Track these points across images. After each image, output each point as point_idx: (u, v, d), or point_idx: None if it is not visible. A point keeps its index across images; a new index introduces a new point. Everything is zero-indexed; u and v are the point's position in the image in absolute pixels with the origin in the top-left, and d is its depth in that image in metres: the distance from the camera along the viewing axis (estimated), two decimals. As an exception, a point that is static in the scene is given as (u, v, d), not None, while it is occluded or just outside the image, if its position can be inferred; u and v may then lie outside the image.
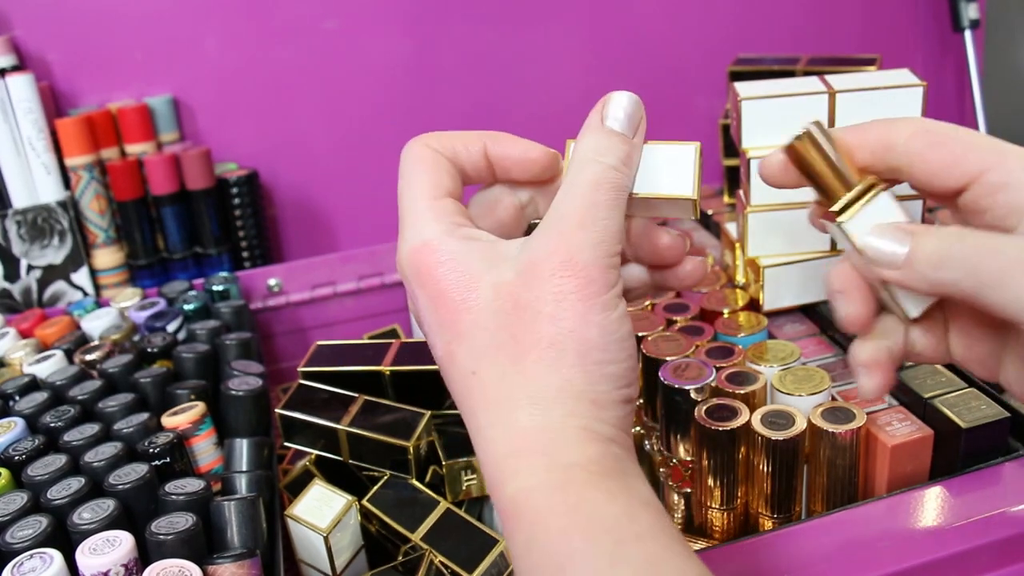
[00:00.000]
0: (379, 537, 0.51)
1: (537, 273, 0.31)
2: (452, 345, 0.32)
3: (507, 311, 0.31)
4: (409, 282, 0.34)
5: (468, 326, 0.32)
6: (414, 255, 0.33)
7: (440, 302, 0.32)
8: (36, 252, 0.78)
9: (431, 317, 0.33)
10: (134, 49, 0.83)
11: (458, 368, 0.32)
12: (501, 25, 0.91)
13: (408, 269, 0.34)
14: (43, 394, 0.54)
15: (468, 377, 0.31)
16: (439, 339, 0.33)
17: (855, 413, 0.48)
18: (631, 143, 0.35)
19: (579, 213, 0.32)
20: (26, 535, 0.41)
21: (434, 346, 0.33)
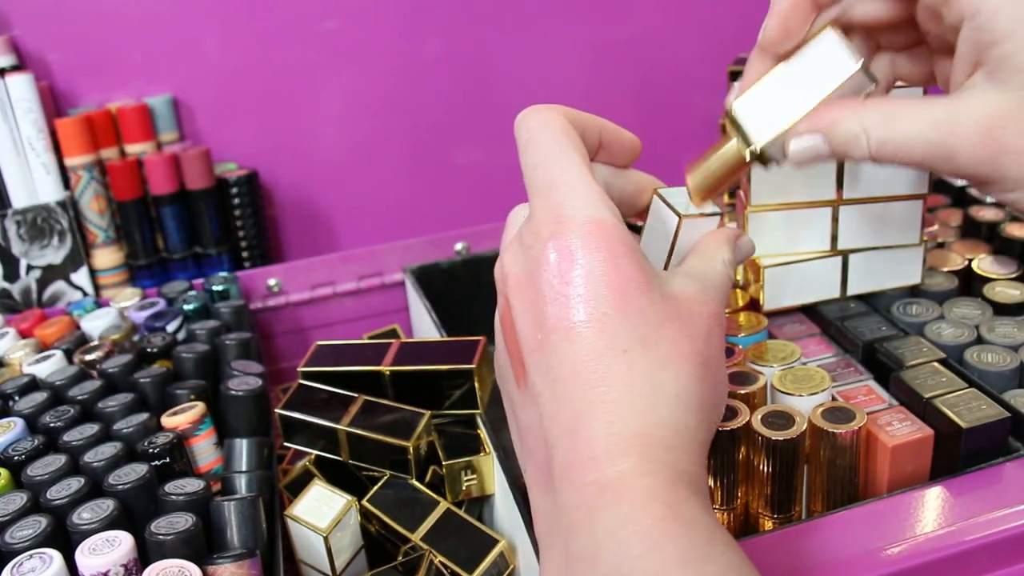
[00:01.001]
0: (379, 537, 0.51)
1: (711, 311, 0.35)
2: (610, 315, 0.32)
3: (672, 318, 0.33)
4: (563, 239, 0.33)
5: (636, 309, 0.32)
6: (594, 227, 0.33)
7: (614, 276, 0.32)
8: (36, 252, 0.77)
9: (589, 281, 0.32)
10: (134, 49, 0.83)
11: (608, 337, 0.32)
12: (501, 25, 0.91)
13: (579, 233, 0.33)
14: (43, 394, 0.54)
15: (616, 352, 0.32)
16: (590, 304, 0.32)
17: (855, 413, 0.48)
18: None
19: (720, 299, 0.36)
20: (26, 535, 0.41)
21: (573, 307, 0.32)
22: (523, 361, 0.34)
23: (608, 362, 0.31)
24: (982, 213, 0.71)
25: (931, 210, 0.75)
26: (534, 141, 0.36)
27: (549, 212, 0.34)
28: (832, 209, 0.58)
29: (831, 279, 0.60)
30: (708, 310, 0.34)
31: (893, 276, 0.61)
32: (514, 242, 0.36)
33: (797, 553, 0.42)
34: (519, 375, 0.34)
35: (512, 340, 0.34)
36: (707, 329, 0.34)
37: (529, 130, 0.37)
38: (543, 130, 0.36)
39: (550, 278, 0.33)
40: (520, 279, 0.34)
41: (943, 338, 0.57)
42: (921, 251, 0.61)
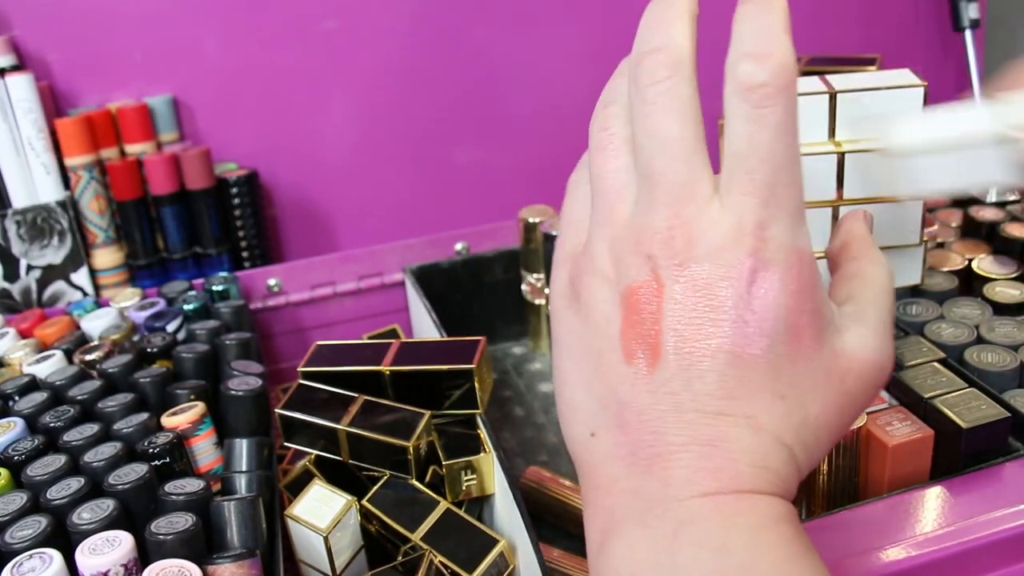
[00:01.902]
0: (379, 537, 0.51)
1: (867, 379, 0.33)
2: (782, 360, 0.31)
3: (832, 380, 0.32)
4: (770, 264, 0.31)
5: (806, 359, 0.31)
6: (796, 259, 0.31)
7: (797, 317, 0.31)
8: (35, 252, 0.77)
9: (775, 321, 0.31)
10: (134, 49, 0.83)
11: (772, 379, 0.31)
12: (501, 25, 0.91)
13: (782, 259, 0.31)
14: (43, 394, 0.54)
15: (775, 396, 0.31)
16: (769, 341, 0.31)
17: (855, 413, 0.48)
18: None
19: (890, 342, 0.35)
20: (25, 535, 0.41)
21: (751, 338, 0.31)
22: (656, 351, 0.31)
23: (764, 400, 0.31)
24: (982, 213, 0.71)
25: (931, 210, 0.75)
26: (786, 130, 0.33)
27: (758, 221, 0.31)
28: (832, 209, 0.58)
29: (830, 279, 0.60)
30: (870, 382, 0.33)
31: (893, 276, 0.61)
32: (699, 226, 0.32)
33: (797, 553, 0.42)
34: (636, 356, 0.32)
35: (648, 323, 0.31)
36: (862, 399, 0.33)
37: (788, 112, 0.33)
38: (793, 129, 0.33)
39: (737, 293, 0.31)
40: (696, 275, 0.31)
41: (943, 338, 0.57)
42: (921, 251, 0.61)
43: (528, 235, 0.73)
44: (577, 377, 0.34)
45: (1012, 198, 0.74)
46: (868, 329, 0.33)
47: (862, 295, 0.35)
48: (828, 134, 0.58)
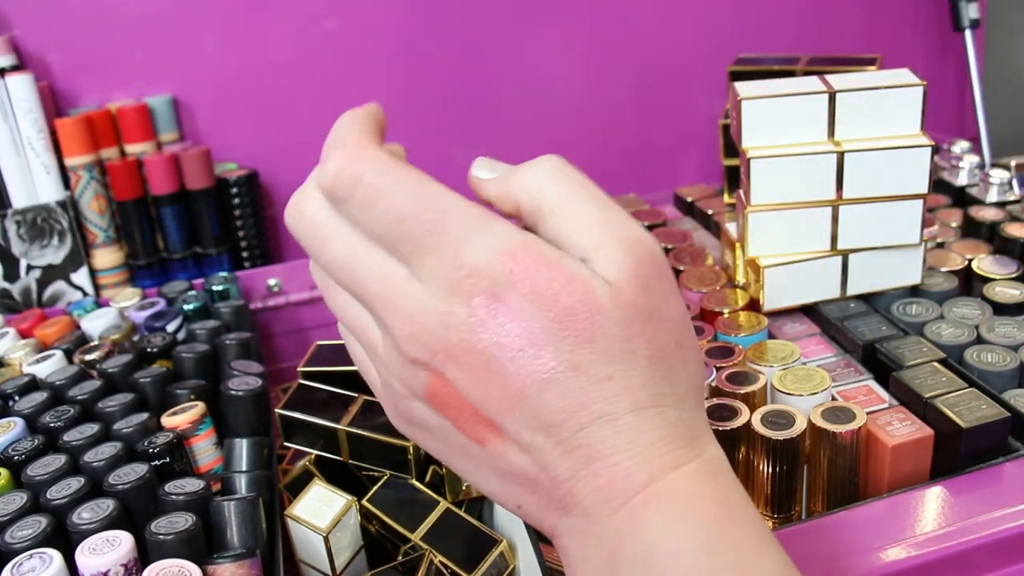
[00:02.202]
0: (379, 537, 0.51)
1: (643, 276, 0.31)
2: (576, 354, 0.30)
3: (631, 317, 0.30)
4: (496, 295, 0.30)
5: (597, 334, 0.30)
6: (509, 254, 0.30)
7: (557, 304, 0.30)
8: (36, 252, 0.77)
9: (542, 327, 0.30)
10: (134, 49, 0.83)
11: (586, 375, 0.30)
12: (501, 25, 0.91)
13: (496, 274, 0.30)
14: (43, 394, 0.54)
15: (603, 382, 0.30)
16: (553, 350, 0.30)
17: (855, 413, 0.48)
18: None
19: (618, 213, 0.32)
20: (26, 535, 0.41)
21: (538, 358, 0.30)
22: (491, 423, 0.31)
23: (600, 392, 0.30)
24: (982, 213, 0.71)
25: (931, 210, 0.75)
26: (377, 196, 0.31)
27: (452, 266, 0.30)
28: (832, 209, 0.58)
29: (831, 279, 0.60)
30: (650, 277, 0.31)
31: (893, 276, 0.61)
32: (423, 313, 0.31)
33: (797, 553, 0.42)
34: (484, 437, 0.32)
35: (463, 409, 0.31)
36: (659, 297, 0.31)
37: (357, 183, 0.32)
38: (382, 175, 0.32)
39: (493, 336, 0.30)
40: (453, 350, 0.30)
41: (943, 338, 0.57)
42: (921, 251, 0.61)
43: (528, 235, 0.73)
44: (472, 476, 0.34)
45: (1012, 198, 0.74)
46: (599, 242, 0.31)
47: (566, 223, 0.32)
48: (828, 134, 0.58)
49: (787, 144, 0.57)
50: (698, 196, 0.80)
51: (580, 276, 0.30)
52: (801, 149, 0.57)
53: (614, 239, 0.31)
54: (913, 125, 0.57)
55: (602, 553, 0.30)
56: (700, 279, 0.64)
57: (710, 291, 0.62)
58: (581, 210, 0.31)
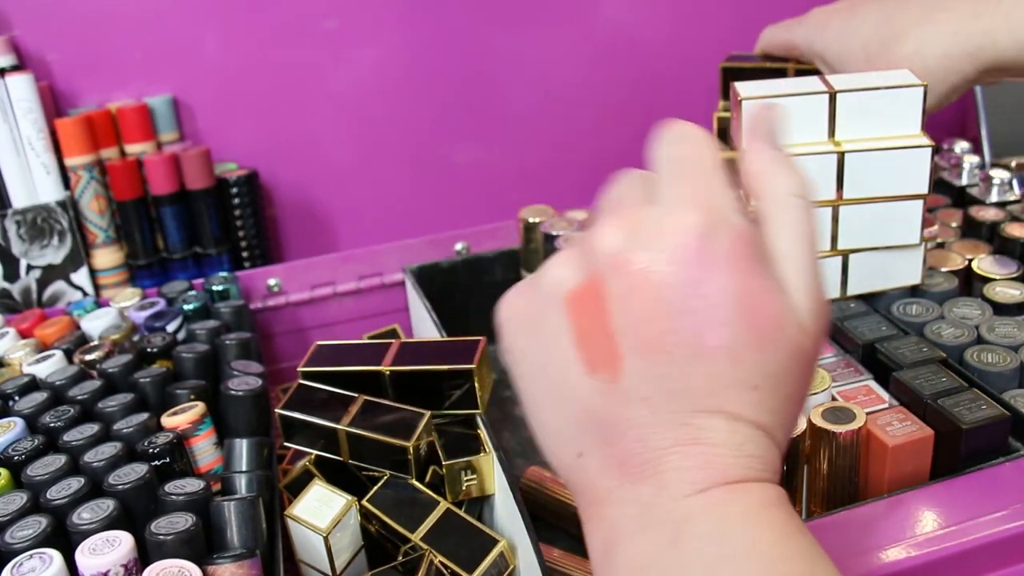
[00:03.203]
0: (379, 537, 0.51)
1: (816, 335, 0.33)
2: (745, 352, 0.30)
3: (797, 356, 0.32)
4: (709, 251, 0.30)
5: (770, 349, 0.31)
6: (740, 237, 0.31)
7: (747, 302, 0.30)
8: (36, 252, 0.77)
9: (733, 310, 0.30)
10: (134, 49, 0.83)
11: (740, 374, 0.30)
12: (500, 24, 0.91)
13: (720, 241, 0.30)
14: (43, 394, 0.54)
15: (747, 387, 0.31)
16: (731, 334, 0.30)
17: (855, 413, 0.48)
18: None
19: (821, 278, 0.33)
20: (26, 535, 0.41)
21: (712, 329, 0.30)
22: (617, 356, 0.31)
23: (740, 393, 0.30)
24: (982, 213, 0.71)
25: (931, 210, 0.75)
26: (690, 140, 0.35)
27: (695, 202, 0.31)
28: (832, 209, 0.58)
29: (831, 279, 0.60)
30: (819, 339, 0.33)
31: (893, 276, 0.61)
32: (631, 212, 0.32)
33: (797, 553, 0.42)
34: (600, 365, 0.31)
35: (598, 326, 0.31)
36: (814, 359, 0.33)
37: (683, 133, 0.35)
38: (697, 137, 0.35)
39: (685, 284, 0.30)
40: (639, 269, 0.30)
41: (943, 338, 0.57)
42: (921, 251, 0.61)
43: (528, 235, 0.73)
44: (547, 401, 0.33)
45: (1012, 198, 0.74)
46: (806, 289, 0.32)
47: (790, 251, 0.33)
48: (828, 134, 0.58)
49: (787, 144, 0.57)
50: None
51: (783, 297, 0.31)
52: (801, 149, 0.57)
53: (815, 295, 0.32)
54: (913, 125, 0.57)
55: (665, 527, 0.30)
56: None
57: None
58: (804, 254, 0.33)
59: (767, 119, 0.36)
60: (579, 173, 0.96)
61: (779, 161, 0.35)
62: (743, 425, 0.31)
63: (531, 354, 0.34)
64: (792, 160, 0.35)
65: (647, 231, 0.31)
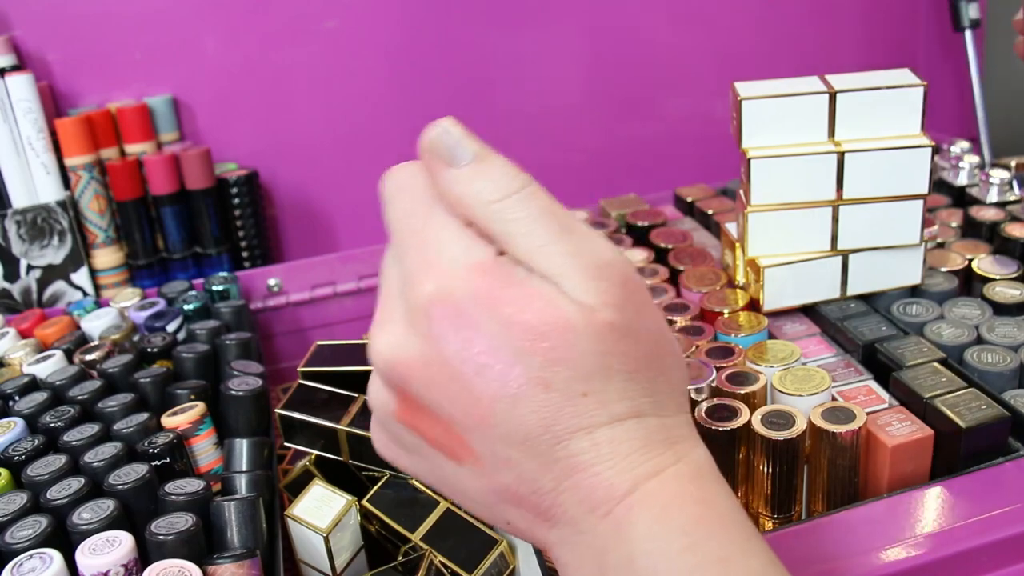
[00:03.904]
0: (379, 537, 0.51)
1: (615, 297, 0.31)
2: (547, 372, 0.29)
3: (603, 337, 0.30)
4: (460, 308, 0.29)
5: (568, 354, 0.29)
6: (477, 269, 0.30)
7: (524, 324, 0.29)
8: (36, 252, 0.77)
9: (509, 345, 0.29)
10: (134, 49, 0.83)
11: (559, 393, 0.29)
12: (501, 26, 0.91)
13: (462, 293, 0.30)
14: (43, 394, 0.54)
15: (577, 398, 0.30)
16: (523, 367, 0.29)
17: (855, 413, 0.48)
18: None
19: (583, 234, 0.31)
20: (26, 535, 0.41)
21: (506, 374, 0.29)
22: (462, 439, 0.31)
23: (574, 408, 0.29)
24: (982, 213, 0.71)
25: (931, 210, 0.75)
26: (393, 197, 0.33)
27: (420, 269, 0.30)
28: (832, 209, 0.58)
29: (831, 279, 0.60)
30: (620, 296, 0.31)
31: (893, 276, 0.61)
32: (391, 320, 0.31)
33: (797, 553, 0.42)
34: (460, 454, 0.31)
35: (433, 424, 0.31)
36: (632, 315, 0.31)
37: (391, 184, 0.34)
38: (405, 183, 0.33)
39: (459, 352, 0.29)
40: (416, 362, 0.30)
41: (943, 338, 0.57)
42: (921, 251, 0.61)
43: (528, 235, 0.73)
44: (457, 497, 0.34)
45: (1012, 198, 0.74)
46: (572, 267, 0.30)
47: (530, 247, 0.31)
48: (828, 134, 0.58)
49: (787, 144, 0.57)
50: (698, 196, 0.80)
51: (549, 296, 0.30)
52: (801, 149, 0.57)
53: (583, 266, 0.30)
54: (913, 125, 0.57)
55: (592, 561, 0.30)
56: (700, 279, 0.64)
57: (710, 291, 0.62)
58: (547, 240, 0.30)
59: (437, 143, 0.34)
60: (579, 173, 0.96)
61: (463, 178, 0.32)
62: (602, 431, 0.30)
63: (418, 470, 0.34)
64: (476, 162, 0.32)
65: (400, 326, 0.31)
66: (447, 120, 0.34)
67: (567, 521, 0.30)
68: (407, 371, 0.31)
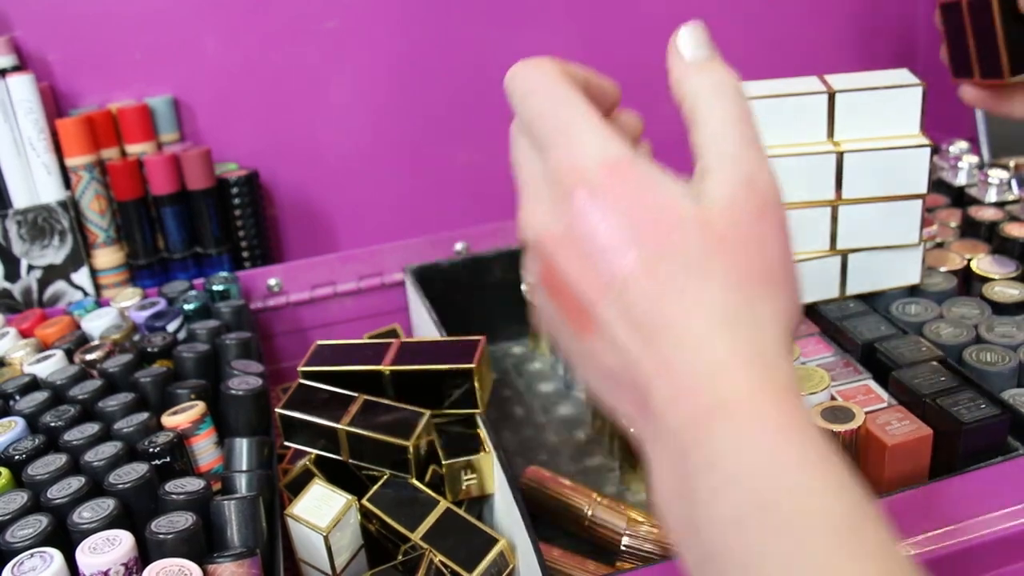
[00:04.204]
0: (379, 536, 0.51)
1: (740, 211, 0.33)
2: (654, 263, 0.32)
3: (713, 244, 0.32)
4: (595, 195, 0.33)
5: (674, 249, 0.32)
6: (612, 169, 0.33)
7: (642, 217, 0.32)
8: (36, 252, 0.78)
9: (627, 231, 0.32)
10: (134, 49, 0.83)
11: (662, 284, 0.32)
12: (501, 25, 0.91)
13: (595, 177, 0.33)
14: (43, 394, 0.54)
15: (676, 293, 0.32)
16: (636, 253, 0.32)
17: (854, 412, 0.48)
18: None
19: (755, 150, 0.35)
20: (26, 534, 0.41)
21: (623, 256, 0.32)
22: (587, 312, 0.34)
23: (673, 302, 0.32)
24: (981, 213, 0.71)
25: (930, 210, 0.75)
26: (532, 91, 0.36)
27: (564, 161, 0.34)
28: (831, 209, 0.58)
29: (830, 279, 0.60)
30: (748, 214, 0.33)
31: (892, 276, 0.61)
32: (538, 200, 0.36)
33: (796, 552, 0.42)
34: (584, 327, 0.34)
35: (566, 296, 0.34)
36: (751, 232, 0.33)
37: (525, 79, 0.37)
38: (541, 78, 0.36)
39: (587, 231, 0.33)
40: (557, 237, 0.34)
41: (942, 337, 0.57)
42: (920, 251, 0.61)
43: (528, 235, 0.73)
44: (584, 374, 0.36)
45: (1011, 198, 0.74)
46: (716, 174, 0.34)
47: (697, 141, 0.35)
48: (827, 134, 0.58)
49: (786, 144, 0.57)
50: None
51: (674, 196, 0.33)
52: (800, 149, 0.57)
53: (731, 171, 0.34)
54: (912, 125, 0.57)
55: (673, 463, 0.31)
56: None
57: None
58: (721, 136, 0.34)
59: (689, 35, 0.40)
60: (579, 173, 0.96)
61: (697, 64, 0.37)
62: (695, 330, 0.31)
63: (560, 338, 0.37)
64: (713, 59, 0.38)
65: (545, 204, 0.35)
66: (698, 23, 0.40)
67: (658, 415, 0.32)
68: (549, 245, 0.34)
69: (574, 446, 0.66)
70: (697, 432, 0.31)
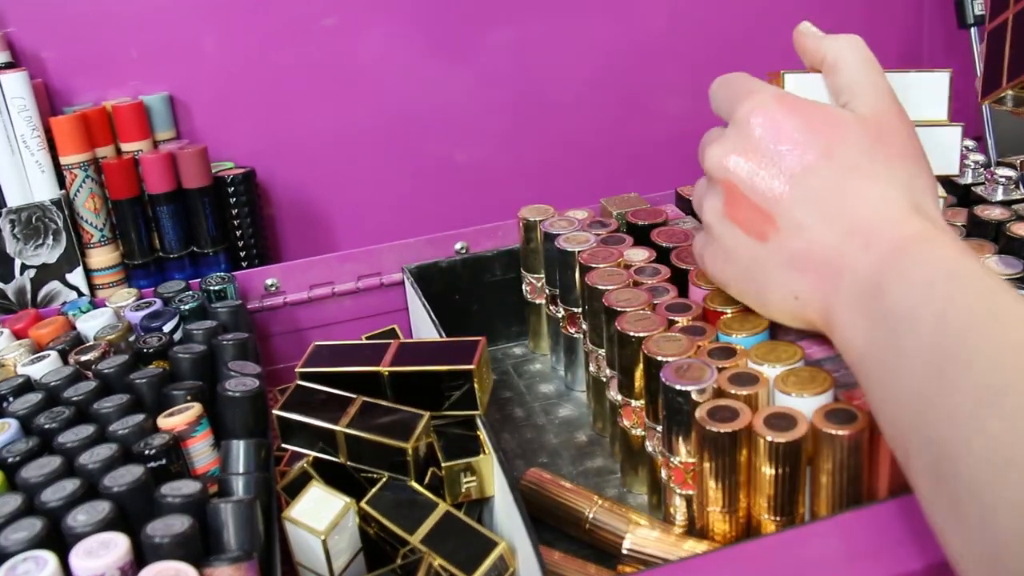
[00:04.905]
0: (377, 539, 0.51)
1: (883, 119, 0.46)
2: (831, 149, 0.44)
3: (871, 135, 0.45)
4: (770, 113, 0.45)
5: (845, 137, 0.44)
6: (780, 95, 0.46)
7: (814, 119, 0.45)
8: (30, 252, 0.77)
9: (803, 133, 0.45)
10: (130, 46, 0.82)
11: (840, 164, 0.44)
12: (500, 24, 0.90)
13: (771, 100, 0.46)
14: (37, 395, 0.54)
15: (851, 169, 0.44)
16: (813, 146, 0.44)
17: (858, 414, 0.47)
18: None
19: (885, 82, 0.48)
20: (20, 538, 0.41)
21: (803, 152, 0.44)
22: (769, 214, 0.45)
23: (851, 176, 0.43)
24: (988, 212, 0.71)
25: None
26: (724, 79, 0.51)
27: (745, 103, 0.46)
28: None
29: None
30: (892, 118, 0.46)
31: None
32: (723, 137, 0.47)
33: (800, 556, 0.41)
34: (766, 230, 0.45)
35: (747, 207, 0.45)
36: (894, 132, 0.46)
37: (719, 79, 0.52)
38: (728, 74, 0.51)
39: (770, 141, 0.45)
40: (740, 154, 0.46)
41: (947, 338, 0.57)
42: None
43: (528, 235, 0.73)
44: (757, 287, 0.48)
45: (1018, 197, 0.73)
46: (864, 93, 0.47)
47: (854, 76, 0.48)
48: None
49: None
50: (699, 195, 0.79)
51: (832, 108, 0.47)
52: None
53: (874, 94, 0.47)
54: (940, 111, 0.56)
55: (866, 303, 0.40)
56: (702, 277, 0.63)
57: (712, 290, 0.62)
58: (863, 74, 0.48)
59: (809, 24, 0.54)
60: (579, 173, 0.96)
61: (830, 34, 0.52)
62: (874, 192, 0.43)
63: (730, 270, 0.50)
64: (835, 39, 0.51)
65: (728, 136, 0.47)
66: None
67: (849, 269, 0.42)
68: (733, 162, 0.46)
69: (575, 448, 0.66)
70: (889, 265, 0.39)
